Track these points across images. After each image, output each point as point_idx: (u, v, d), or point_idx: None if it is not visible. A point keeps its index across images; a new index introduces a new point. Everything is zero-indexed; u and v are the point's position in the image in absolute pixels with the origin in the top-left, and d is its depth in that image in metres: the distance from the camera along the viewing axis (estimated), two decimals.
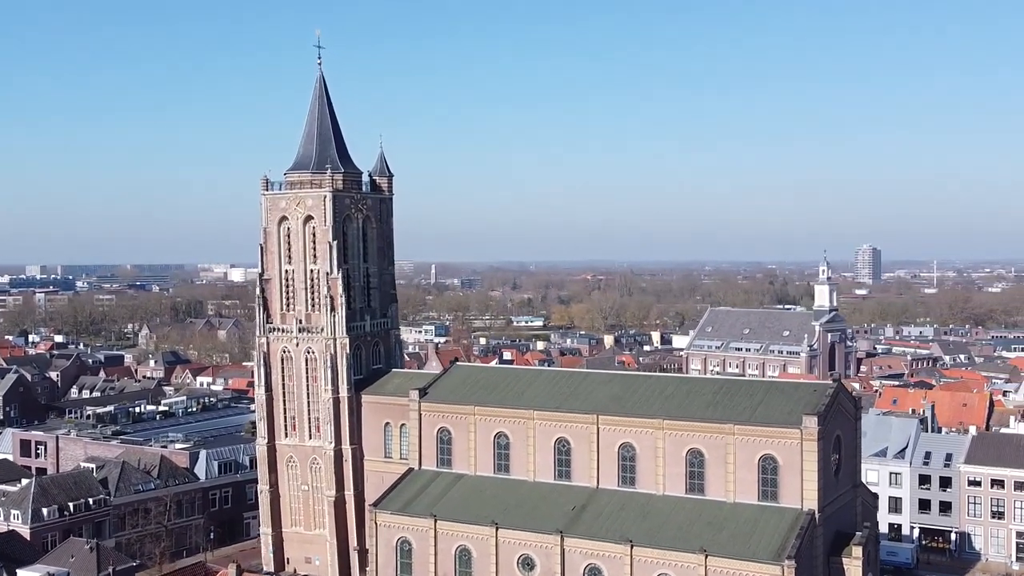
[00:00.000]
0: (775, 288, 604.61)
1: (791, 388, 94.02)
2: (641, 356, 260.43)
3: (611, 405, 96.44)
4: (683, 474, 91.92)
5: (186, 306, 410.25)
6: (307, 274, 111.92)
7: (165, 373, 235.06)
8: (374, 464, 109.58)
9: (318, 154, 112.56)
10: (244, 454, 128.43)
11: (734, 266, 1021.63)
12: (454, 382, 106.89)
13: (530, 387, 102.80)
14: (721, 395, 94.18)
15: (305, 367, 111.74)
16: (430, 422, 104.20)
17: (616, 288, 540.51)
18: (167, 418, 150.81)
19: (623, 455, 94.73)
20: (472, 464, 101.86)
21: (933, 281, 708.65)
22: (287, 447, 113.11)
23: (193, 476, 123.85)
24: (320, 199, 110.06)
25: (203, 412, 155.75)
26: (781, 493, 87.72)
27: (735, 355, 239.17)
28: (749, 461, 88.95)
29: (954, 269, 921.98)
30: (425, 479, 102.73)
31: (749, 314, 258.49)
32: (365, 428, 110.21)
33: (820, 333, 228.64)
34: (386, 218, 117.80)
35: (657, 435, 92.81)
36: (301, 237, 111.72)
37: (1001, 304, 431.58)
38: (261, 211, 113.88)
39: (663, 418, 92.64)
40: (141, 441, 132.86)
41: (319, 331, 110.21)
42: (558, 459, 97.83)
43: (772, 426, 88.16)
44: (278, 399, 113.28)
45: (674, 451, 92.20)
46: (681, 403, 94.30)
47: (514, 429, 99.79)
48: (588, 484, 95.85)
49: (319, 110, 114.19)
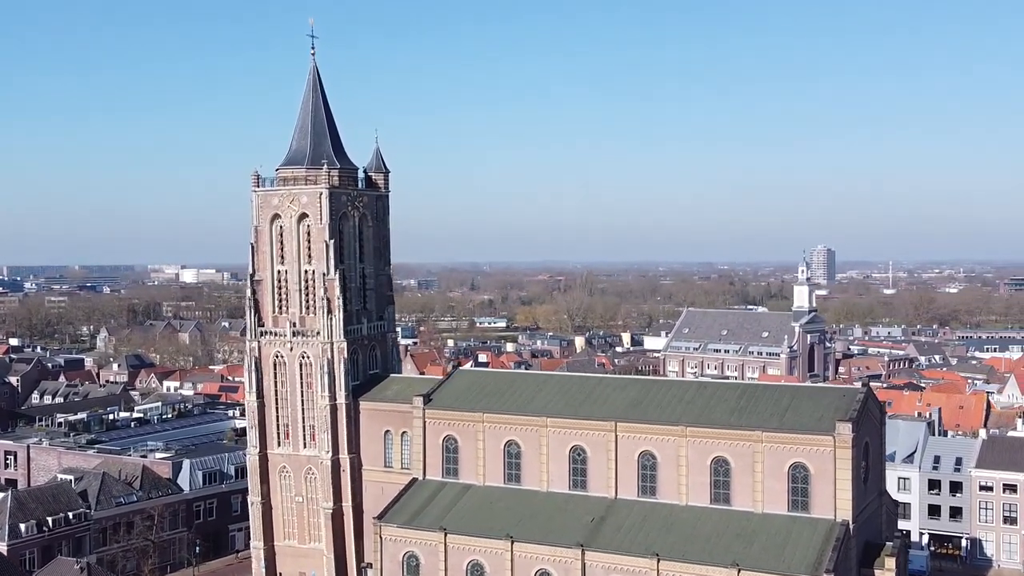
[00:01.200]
0: (735, 288, 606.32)
1: (818, 393, 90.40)
2: (616, 358, 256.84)
3: (630, 411, 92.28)
4: (708, 483, 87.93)
5: (144, 308, 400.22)
6: (301, 275, 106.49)
7: (129, 377, 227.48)
8: (373, 474, 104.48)
9: (312, 149, 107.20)
10: (229, 463, 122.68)
11: (686, 267, 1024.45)
12: (459, 388, 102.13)
13: (540, 393, 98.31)
14: (745, 400, 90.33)
15: (299, 372, 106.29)
16: (435, 430, 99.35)
17: (578, 289, 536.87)
18: (142, 425, 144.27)
19: (643, 464, 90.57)
20: (481, 474, 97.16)
21: (889, 282, 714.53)
22: (280, 456, 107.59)
23: (176, 487, 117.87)
24: (316, 196, 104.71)
25: (179, 419, 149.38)
26: (813, 503, 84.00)
27: (713, 357, 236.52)
28: (778, 470, 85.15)
29: (903, 270, 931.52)
30: (431, 490, 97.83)
31: (726, 315, 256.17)
32: (363, 436, 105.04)
33: (800, 334, 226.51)
34: (382, 216, 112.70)
35: (680, 443, 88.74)
36: (295, 236, 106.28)
37: (964, 304, 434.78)
38: (252, 208, 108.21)
39: (686, 425, 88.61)
40: (119, 450, 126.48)
41: (315, 335, 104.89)
42: (573, 468, 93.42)
43: (803, 433, 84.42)
44: (270, 406, 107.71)
45: (698, 459, 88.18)
46: (703, 409, 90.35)
47: (526, 437, 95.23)
48: (606, 494, 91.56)
49: (313, 103, 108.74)
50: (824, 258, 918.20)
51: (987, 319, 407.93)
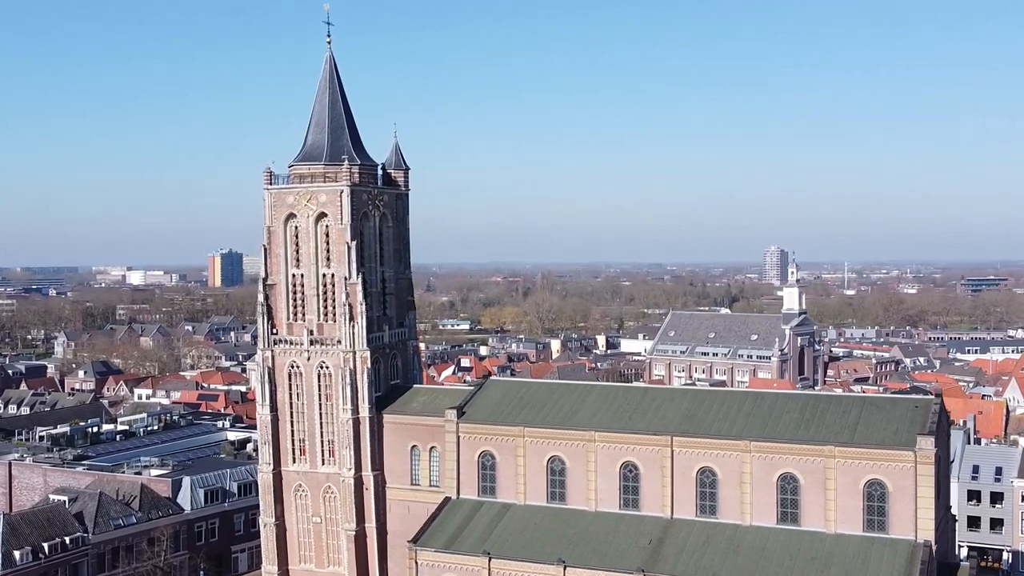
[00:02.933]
0: (696, 290, 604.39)
1: (888, 404, 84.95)
2: (597, 361, 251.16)
3: (686, 424, 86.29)
4: (774, 502, 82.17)
5: (102, 312, 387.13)
6: (319, 279, 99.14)
7: (97, 385, 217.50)
8: (399, 492, 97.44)
9: (331, 144, 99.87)
10: (231, 480, 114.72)
11: (635, 267, 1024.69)
12: (493, 399, 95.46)
13: (583, 405, 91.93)
14: (810, 413, 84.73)
15: (317, 384, 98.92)
16: (470, 445, 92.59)
17: (541, 290, 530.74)
18: (127, 438, 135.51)
19: (702, 481, 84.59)
20: (521, 492, 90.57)
21: (845, 282, 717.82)
22: (295, 474, 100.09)
23: (177, 507, 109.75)
24: (335, 194, 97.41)
25: (166, 431, 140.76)
26: (891, 523, 78.56)
27: (701, 360, 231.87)
28: (852, 487, 79.61)
29: (851, 270, 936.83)
30: (466, 510, 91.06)
31: (714, 318, 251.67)
32: (388, 452, 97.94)
33: (790, 337, 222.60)
34: (402, 216, 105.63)
35: (744, 458, 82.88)
36: (312, 237, 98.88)
37: (931, 306, 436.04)
38: (264, 207, 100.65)
39: (750, 439, 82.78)
40: (110, 467, 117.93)
41: (335, 343, 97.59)
42: (624, 486, 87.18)
43: (880, 447, 78.95)
44: (284, 420, 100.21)
45: (764, 476, 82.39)
46: (766, 422, 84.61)
47: (571, 453, 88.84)
48: (660, 514, 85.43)
49: (330, 95, 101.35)
50: (777, 259, 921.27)
51: (953, 320, 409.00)
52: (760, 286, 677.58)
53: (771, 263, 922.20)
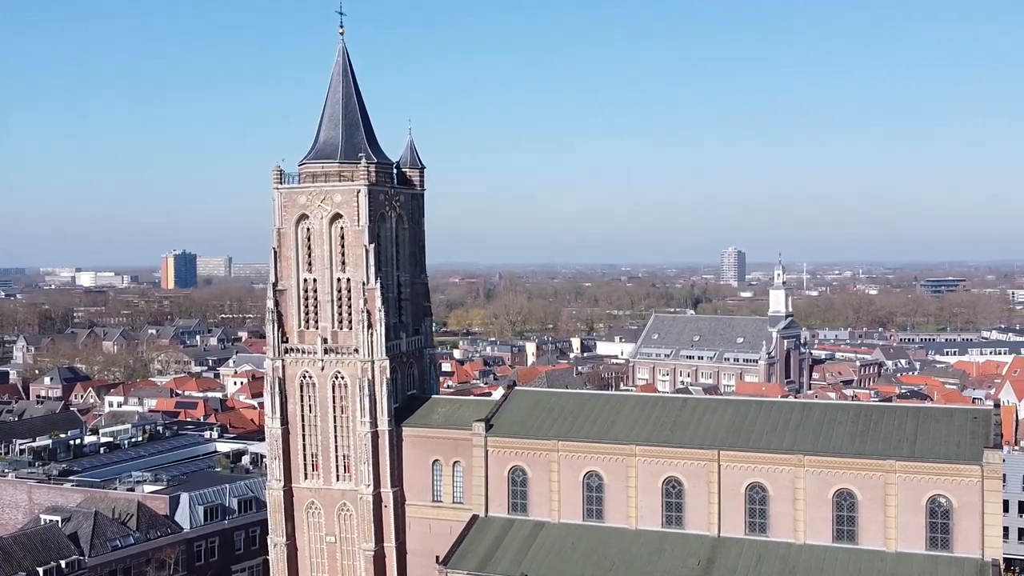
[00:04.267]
0: (659, 291, 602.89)
1: (944, 415, 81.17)
2: (579, 365, 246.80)
3: (732, 437, 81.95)
4: (830, 519, 78.08)
5: (62, 315, 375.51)
6: (333, 284, 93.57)
7: (64, 392, 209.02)
8: (419, 510, 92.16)
9: (345, 141, 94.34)
10: (231, 495, 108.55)
11: (588, 268, 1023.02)
12: (521, 411, 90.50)
13: (619, 416, 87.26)
14: (863, 424, 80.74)
15: (332, 395, 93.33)
16: (499, 460, 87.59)
17: (505, 292, 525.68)
18: (112, 451, 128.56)
19: (751, 497, 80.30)
20: (555, 510, 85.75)
21: (803, 283, 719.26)
22: (307, 491, 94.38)
23: (176, 525, 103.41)
24: (352, 194, 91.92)
25: (151, 443, 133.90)
26: (955, 540, 74.81)
27: (686, 364, 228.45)
28: (915, 503, 75.75)
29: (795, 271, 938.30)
30: (497, 529, 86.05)
31: (698, 320, 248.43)
32: (407, 467, 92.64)
33: (777, 340, 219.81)
34: (418, 217, 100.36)
35: (797, 473, 78.72)
36: (326, 240, 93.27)
37: (899, 307, 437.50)
38: (274, 208, 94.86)
39: (803, 453, 78.63)
40: (99, 482, 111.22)
41: (351, 352, 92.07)
42: (666, 503, 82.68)
43: (944, 461, 75.14)
44: (296, 433, 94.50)
45: (818, 492, 78.27)
46: (818, 434, 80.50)
47: (610, 468, 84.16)
48: (707, 532, 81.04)
49: (344, 89, 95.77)
50: (734, 259, 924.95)
51: (919, 321, 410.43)
52: (721, 287, 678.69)
53: (729, 264, 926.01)
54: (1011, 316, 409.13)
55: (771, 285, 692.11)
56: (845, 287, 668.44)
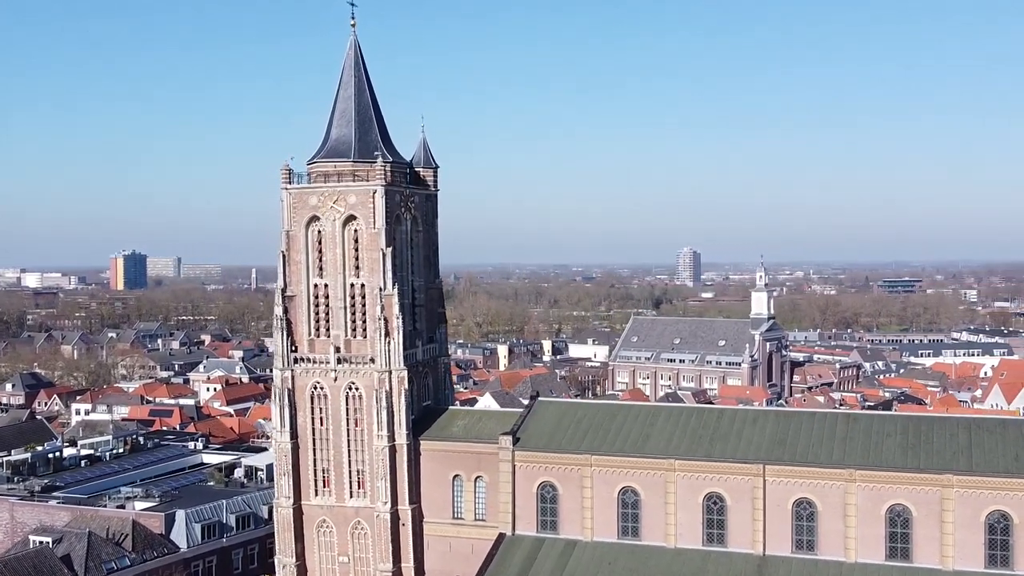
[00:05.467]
0: (618, 291, 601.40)
1: (997, 426, 78.05)
2: (556, 368, 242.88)
3: (777, 450, 78.26)
4: (883, 536, 74.68)
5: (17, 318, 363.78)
6: (347, 289, 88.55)
7: (27, 399, 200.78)
8: (439, 528, 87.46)
9: (359, 138, 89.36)
10: (228, 512, 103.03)
11: (541, 268, 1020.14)
12: (548, 423, 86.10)
13: (653, 429, 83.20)
14: (912, 436, 77.44)
15: (345, 407, 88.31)
16: (528, 475, 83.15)
17: (468, 294, 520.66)
18: (94, 464, 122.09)
19: (799, 513, 76.67)
20: (588, 528, 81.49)
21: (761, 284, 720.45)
22: (318, 508, 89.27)
23: (172, 545, 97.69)
24: (367, 195, 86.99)
25: (134, 454, 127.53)
26: (1016, 558, 71.82)
27: (667, 367, 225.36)
28: (973, 520, 72.59)
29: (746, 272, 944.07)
30: (526, 548, 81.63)
31: (679, 323, 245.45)
32: (426, 483, 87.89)
33: (760, 342, 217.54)
34: (432, 219, 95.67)
35: (848, 488, 75.19)
36: (339, 243, 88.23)
37: (863, 308, 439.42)
38: (282, 209, 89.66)
39: (854, 467, 75.13)
40: (86, 498, 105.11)
41: (366, 362, 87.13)
42: (708, 520, 78.80)
43: (1004, 475, 72.08)
44: (306, 448, 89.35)
45: (871, 508, 74.82)
46: (867, 447, 77.06)
47: (647, 483, 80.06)
48: (751, 551, 77.27)
49: (356, 84, 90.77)
50: (690, 260, 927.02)
51: (883, 322, 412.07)
52: (678, 288, 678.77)
53: (684, 264, 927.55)
54: (974, 317, 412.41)
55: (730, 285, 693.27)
56: (800, 288, 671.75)
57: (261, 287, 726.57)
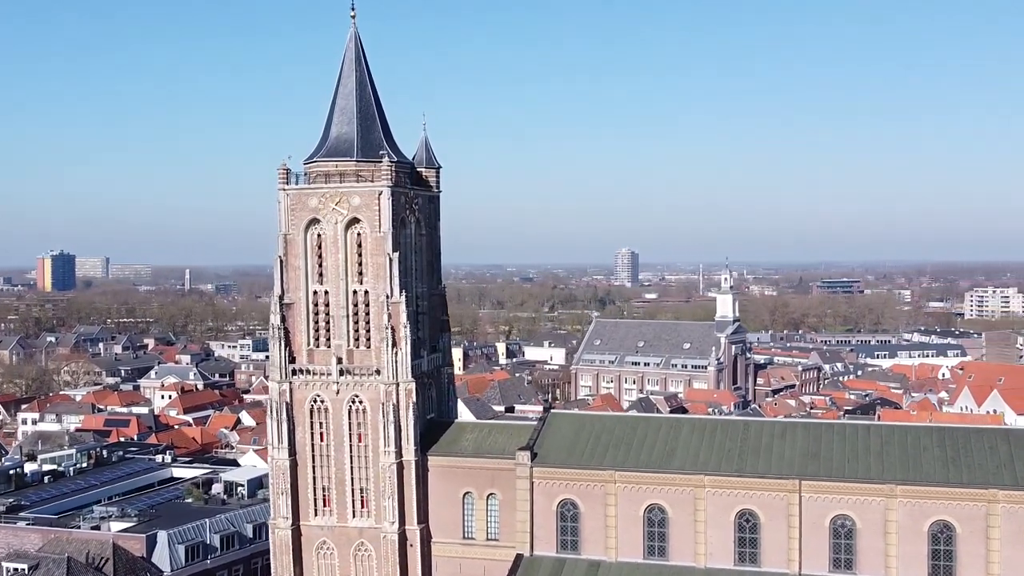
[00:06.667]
0: (560, 292, 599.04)
1: None
2: (517, 371, 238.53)
3: (812, 465, 74.96)
4: (925, 554, 71.82)
5: None
6: (349, 297, 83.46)
7: None
8: (448, 548, 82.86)
9: (362, 136, 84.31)
10: (211, 531, 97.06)
11: (476, 268, 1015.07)
12: (565, 437, 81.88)
13: (678, 442, 79.38)
14: (950, 448, 74.65)
15: (348, 421, 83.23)
16: (547, 492, 78.92)
17: None
18: (58, 480, 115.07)
19: (836, 531, 73.51)
20: (612, 547, 77.47)
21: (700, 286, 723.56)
22: (318, 529, 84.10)
23: (155, 569, 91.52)
24: (372, 196, 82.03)
25: (99, 469, 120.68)
26: None
27: (632, 370, 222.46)
28: (1018, 535, 70.02)
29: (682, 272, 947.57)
30: (547, 570, 77.42)
31: (642, 325, 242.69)
32: (434, 501, 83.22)
33: (726, 345, 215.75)
34: (435, 222, 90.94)
35: (889, 505, 72.21)
36: (341, 247, 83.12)
37: (810, 309, 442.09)
38: (279, 211, 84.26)
39: (895, 482, 72.18)
40: (56, 519, 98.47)
41: (371, 373, 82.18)
42: (740, 538, 75.29)
43: None
44: (304, 465, 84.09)
45: (912, 524, 71.92)
46: (906, 460, 74.10)
47: (675, 500, 76.31)
48: (786, 570, 73.99)
49: (357, 79, 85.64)
50: (628, 260, 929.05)
51: (829, 323, 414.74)
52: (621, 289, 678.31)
53: (622, 264, 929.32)
54: (918, 318, 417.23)
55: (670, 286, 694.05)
56: (740, 288, 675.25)
57: (195, 288, 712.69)
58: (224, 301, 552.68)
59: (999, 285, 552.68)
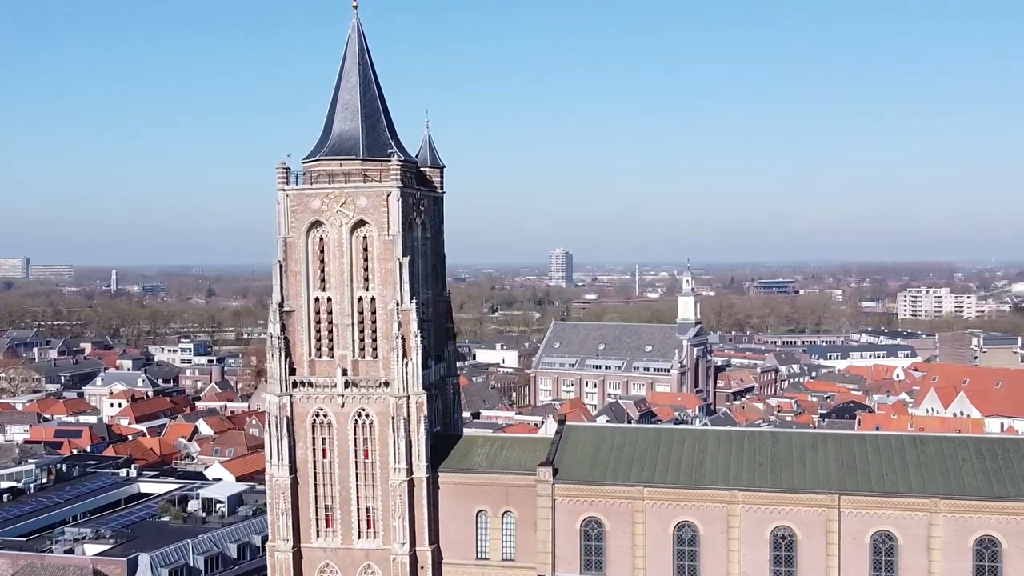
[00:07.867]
0: (498, 293, 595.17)
1: None
2: (474, 376, 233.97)
3: (850, 478, 72.04)
4: (970, 570, 69.35)
5: None
6: (354, 304, 78.51)
7: None
8: (460, 570, 78.51)
9: (367, 134, 79.49)
10: (195, 553, 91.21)
11: None
12: (585, 451, 77.90)
13: (705, 455, 75.85)
14: (990, 459, 72.30)
15: (353, 437, 78.25)
16: (569, 510, 74.94)
17: None
18: (18, 497, 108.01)
19: (877, 547, 70.66)
20: (640, 568, 73.85)
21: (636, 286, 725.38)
22: (320, 551, 79.06)
23: None
24: (380, 197, 77.28)
25: (60, 484, 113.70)
26: None
27: (593, 374, 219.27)
28: None
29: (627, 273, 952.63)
30: None
31: (602, 328, 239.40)
32: (444, 520, 78.68)
33: (688, 348, 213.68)
34: (439, 224, 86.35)
35: (933, 520, 69.62)
36: (346, 251, 78.17)
37: (754, 310, 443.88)
38: (278, 213, 78.99)
39: (938, 496, 69.58)
40: (25, 541, 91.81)
41: (379, 385, 77.35)
42: (775, 556, 72.07)
43: None
44: (306, 483, 78.95)
45: (957, 540, 69.39)
46: (946, 473, 71.55)
47: (707, 517, 72.87)
48: None
49: (361, 74, 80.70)
50: (562, 260, 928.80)
51: (772, 323, 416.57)
52: (557, 289, 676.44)
53: (557, 265, 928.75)
54: (858, 318, 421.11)
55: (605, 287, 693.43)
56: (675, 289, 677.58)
57: (122, 289, 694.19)
58: (154, 302, 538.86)
59: (928, 285, 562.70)
